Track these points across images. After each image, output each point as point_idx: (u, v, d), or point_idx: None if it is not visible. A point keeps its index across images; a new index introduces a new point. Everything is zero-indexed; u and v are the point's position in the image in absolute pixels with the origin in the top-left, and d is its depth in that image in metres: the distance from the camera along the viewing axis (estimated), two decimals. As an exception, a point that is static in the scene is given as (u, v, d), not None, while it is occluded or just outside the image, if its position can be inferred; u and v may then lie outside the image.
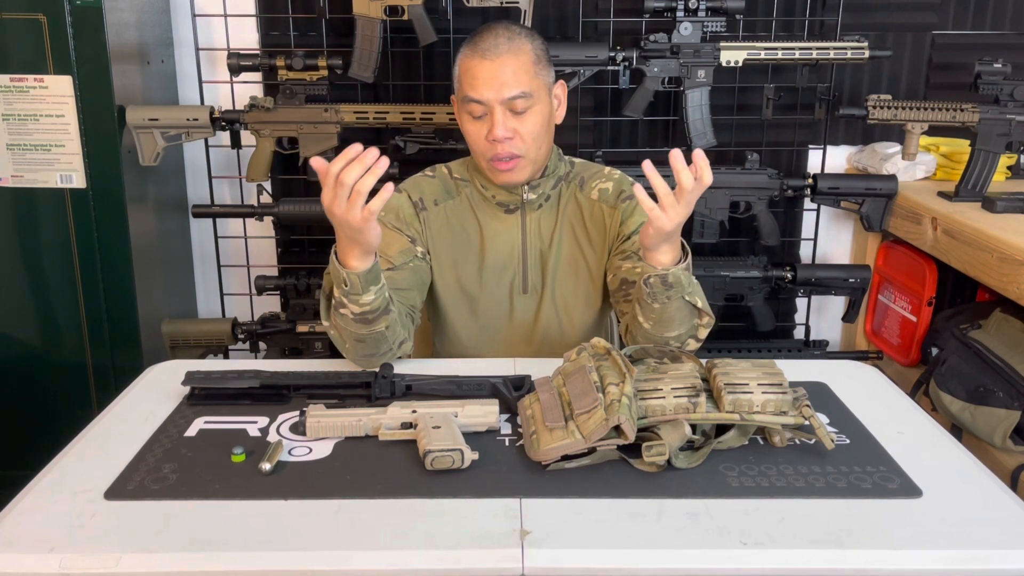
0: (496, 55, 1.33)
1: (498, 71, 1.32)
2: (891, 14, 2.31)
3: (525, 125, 1.36)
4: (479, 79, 1.33)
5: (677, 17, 2.05)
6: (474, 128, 1.38)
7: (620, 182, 1.51)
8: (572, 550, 0.90)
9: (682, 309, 1.25)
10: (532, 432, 1.07)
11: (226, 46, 2.22)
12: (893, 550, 0.91)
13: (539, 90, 1.37)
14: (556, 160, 1.49)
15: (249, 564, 0.89)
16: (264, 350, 2.25)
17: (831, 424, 1.18)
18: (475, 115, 1.37)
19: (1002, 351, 1.81)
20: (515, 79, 1.33)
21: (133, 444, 1.11)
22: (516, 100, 1.34)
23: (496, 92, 1.33)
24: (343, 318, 1.25)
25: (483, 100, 1.34)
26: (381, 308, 1.25)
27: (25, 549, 0.90)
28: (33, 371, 2.10)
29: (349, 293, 1.22)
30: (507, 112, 1.34)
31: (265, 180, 2.16)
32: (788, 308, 2.48)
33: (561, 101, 1.45)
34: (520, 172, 1.40)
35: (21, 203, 2.01)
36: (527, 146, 1.37)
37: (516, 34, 1.36)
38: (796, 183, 2.19)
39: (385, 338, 1.29)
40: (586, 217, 1.49)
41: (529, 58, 1.35)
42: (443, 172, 1.53)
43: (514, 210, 1.47)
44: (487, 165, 1.40)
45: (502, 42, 1.34)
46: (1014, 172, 2.31)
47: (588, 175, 1.51)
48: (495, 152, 1.36)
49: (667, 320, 1.26)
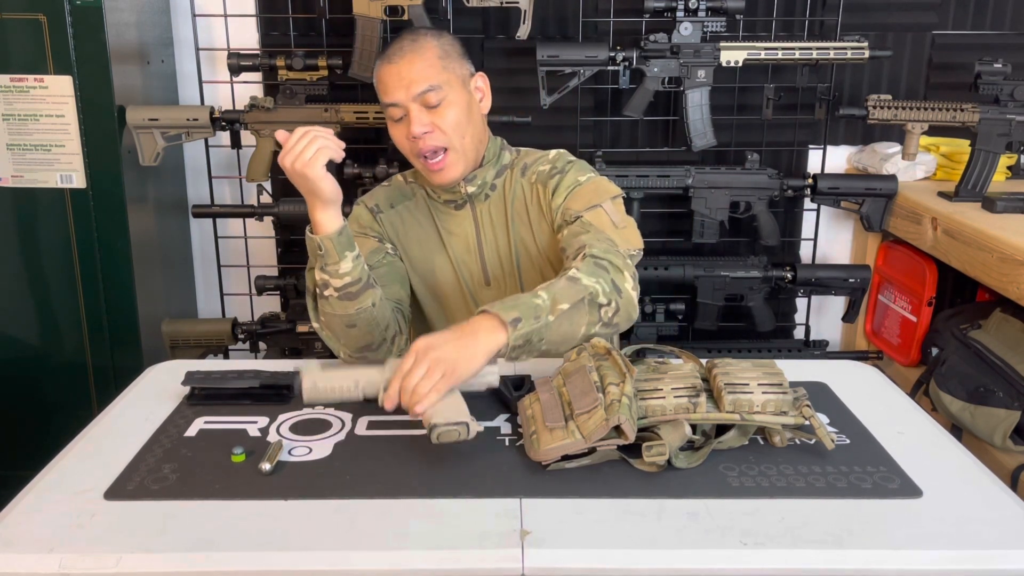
0: (400, 57, 1.37)
1: (404, 71, 1.36)
2: (891, 14, 2.31)
3: (442, 118, 1.38)
4: (389, 83, 1.37)
5: (677, 17, 2.05)
6: (398, 132, 1.41)
7: (554, 159, 1.51)
8: (572, 550, 0.90)
9: (560, 328, 1.18)
10: (532, 432, 1.07)
11: (226, 46, 2.22)
12: (893, 550, 0.91)
13: (450, 82, 1.39)
14: (498, 150, 1.51)
15: (249, 564, 0.89)
16: (264, 350, 2.25)
17: (831, 424, 1.18)
18: (395, 118, 1.40)
19: (1002, 351, 1.81)
20: (421, 75, 1.36)
21: (133, 444, 1.11)
22: (427, 94, 1.36)
23: (406, 91, 1.36)
24: (329, 303, 1.27)
25: (396, 101, 1.37)
26: (363, 281, 1.27)
27: (25, 549, 0.90)
28: (33, 371, 2.10)
29: (327, 264, 1.24)
30: (421, 108, 1.37)
31: (265, 180, 2.16)
32: (788, 308, 2.48)
33: (484, 93, 1.47)
34: (451, 168, 1.41)
35: (21, 203, 2.01)
36: (448, 137, 1.39)
37: (420, 35, 1.41)
38: (796, 183, 2.19)
39: (375, 320, 1.31)
40: (529, 202, 1.50)
41: (434, 53, 1.39)
42: (398, 179, 1.57)
43: (462, 205, 1.50)
44: (420, 165, 1.43)
45: (405, 44, 1.38)
46: (1014, 172, 2.31)
47: (531, 161, 1.53)
48: (419, 149, 1.39)
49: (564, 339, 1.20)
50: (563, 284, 1.21)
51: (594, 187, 1.44)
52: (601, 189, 1.44)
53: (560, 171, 1.48)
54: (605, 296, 1.22)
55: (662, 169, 2.16)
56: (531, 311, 1.15)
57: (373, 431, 1.15)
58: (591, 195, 1.42)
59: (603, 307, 1.22)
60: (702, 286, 2.22)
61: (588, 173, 1.47)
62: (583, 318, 1.20)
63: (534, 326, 1.14)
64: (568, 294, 1.19)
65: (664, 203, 2.32)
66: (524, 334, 1.13)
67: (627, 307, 1.26)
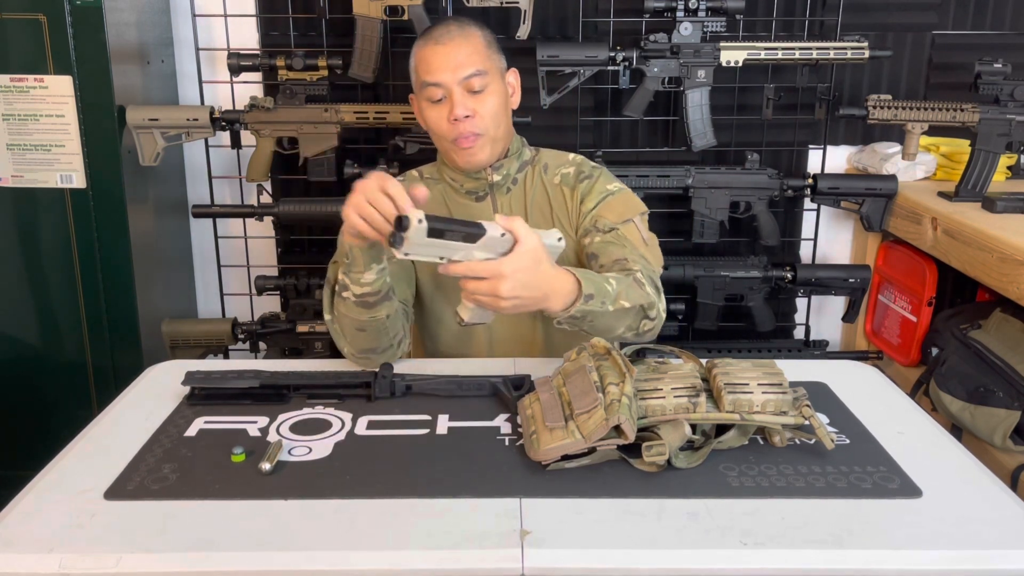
0: (449, 39, 1.38)
1: (452, 53, 1.37)
2: (891, 14, 2.30)
3: (483, 104, 1.39)
4: (434, 63, 1.38)
5: (677, 17, 2.05)
6: (434, 113, 1.41)
7: (580, 164, 1.54)
8: (572, 550, 0.90)
9: (609, 320, 1.23)
10: (532, 432, 1.07)
11: (226, 46, 2.22)
12: (893, 550, 0.91)
13: (493, 71, 1.41)
14: (519, 146, 1.52)
15: (249, 564, 0.89)
16: (264, 350, 2.25)
17: (831, 424, 1.18)
18: (434, 99, 1.40)
19: (1002, 351, 1.81)
20: (469, 60, 1.38)
21: (133, 444, 1.11)
22: (472, 79, 1.38)
23: (452, 73, 1.37)
24: (345, 304, 1.28)
25: (440, 82, 1.38)
26: (382, 292, 1.28)
27: (25, 549, 0.90)
28: (33, 371, 2.10)
29: (351, 270, 1.25)
30: (465, 92, 1.38)
31: (265, 180, 2.16)
32: (788, 308, 2.48)
33: (515, 88, 1.49)
34: (481, 151, 1.42)
35: (21, 203, 2.01)
36: (486, 124, 1.40)
37: (466, 22, 1.43)
38: (796, 183, 2.19)
39: (385, 329, 1.31)
40: (553, 200, 1.51)
41: (481, 41, 1.41)
42: (413, 175, 1.58)
43: (484, 196, 1.50)
44: (450, 147, 1.42)
45: (453, 28, 1.40)
46: (1014, 172, 2.31)
47: (552, 161, 1.55)
48: (458, 132, 1.39)
49: (605, 330, 1.24)
50: (631, 283, 1.27)
51: (625, 200, 1.47)
52: (631, 204, 1.47)
53: (588, 176, 1.51)
54: (654, 311, 1.29)
55: (662, 169, 2.16)
56: (602, 295, 1.20)
57: (373, 431, 1.15)
58: (623, 208, 1.45)
59: (646, 320, 1.29)
60: (702, 286, 2.22)
61: (616, 183, 1.51)
62: (629, 321, 1.26)
63: (597, 308, 1.19)
64: (632, 295, 1.25)
65: (664, 203, 2.32)
66: (586, 311, 1.18)
67: (658, 328, 1.34)
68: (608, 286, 1.22)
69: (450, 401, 1.23)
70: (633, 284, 1.27)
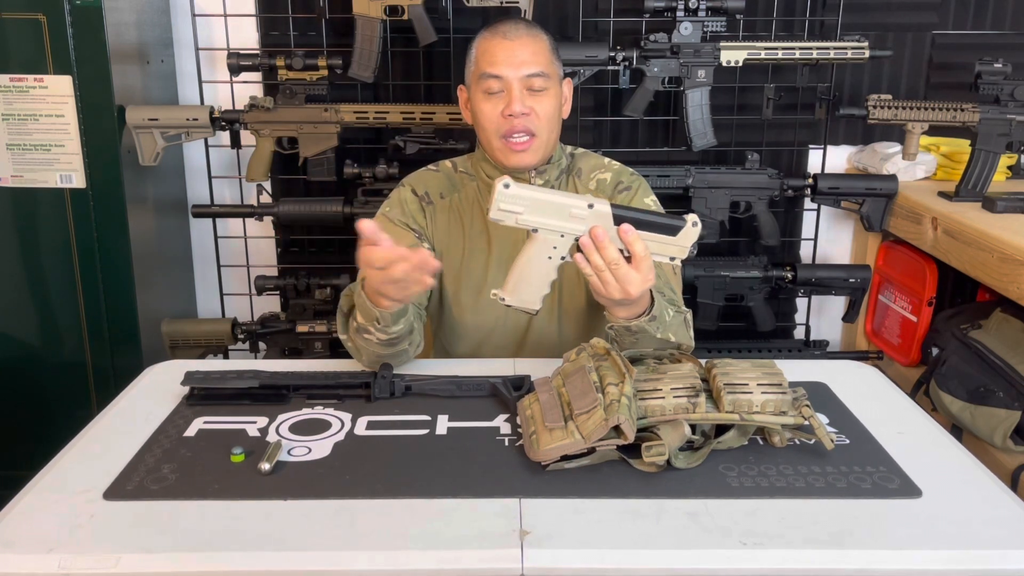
0: (516, 35, 1.38)
1: (518, 49, 1.37)
2: (891, 14, 2.31)
3: (541, 104, 1.39)
4: (499, 56, 1.37)
5: (677, 17, 2.05)
6: (489, 105, 1.40)
7: (619, 173, 1.54)
8: (572, 550, 0.90)
9: (647, 343, 1.25)
10: (532, 432, 1.07)
11: (226, 46, 2.22)
12: (893, 550, 0.91)
13: (554, 76, 1.41)
14: (560, 153, 1.51)
15: (249, 564, 0.89)
16: (264, 350, 2.25)
17: (831, 424, 1.17)
18: (492, 91, 1.39)
19: (1002, 351, 1.81)
20: (534, 59, 1.38)
21: (132, 444, 1.11)
22: (534, 78, 1.37)
23: (516, 69, 1.37)
24: (366, 341, 1.28)
25: (502, 75, 1.37)
26: (406, 331, 1.28)
27: (25, 549, 0.90)
28: (33, 371, 2.10)
29: (380, 325, 1.24)
30: (524, 90, 1.38)
31: (265, 180, 2.16)
32: (788, 308, 2.48)
33: (567, 99, 1.49)
34: (533, 154, 1.41)
35: (21, 203, 2.01)
36: (541, 125, 1.39)
37: (533, 24, 1.43)
38: (796, 183, 2.19)
39: (406, 352, 1.32)
40: None
41: (547, 44, 1.41)
42: (447, 167, 1.55)
43: None
44: (500, 144, 1.41)
45: (521, 25, 1.41)
46: (1014, 172, 2.31)
47: (586, 166, 1.54)
48: (511, 127, 1.38)
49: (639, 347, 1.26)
50: (680, 322, 1.32)
51: None
52: None
53: (627, 187, 1.51)
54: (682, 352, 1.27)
55: (662, 169, 2.16)
56: (660, 321, 1.23)
57: (372, 431, 1.15)
58: None
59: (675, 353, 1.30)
60: (702, 286, 2.22)
61: (652, 195, 1.52)
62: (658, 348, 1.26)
63: (651, 331, 1.21)
64: (679, 333, 1.29)
65: (664, 203, 2.30)
66: (641, 328, 1.20)
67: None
68: (666, 315, 1.25)
69: (450, 401, 1.23)
70: (683, 324, 1.32)
